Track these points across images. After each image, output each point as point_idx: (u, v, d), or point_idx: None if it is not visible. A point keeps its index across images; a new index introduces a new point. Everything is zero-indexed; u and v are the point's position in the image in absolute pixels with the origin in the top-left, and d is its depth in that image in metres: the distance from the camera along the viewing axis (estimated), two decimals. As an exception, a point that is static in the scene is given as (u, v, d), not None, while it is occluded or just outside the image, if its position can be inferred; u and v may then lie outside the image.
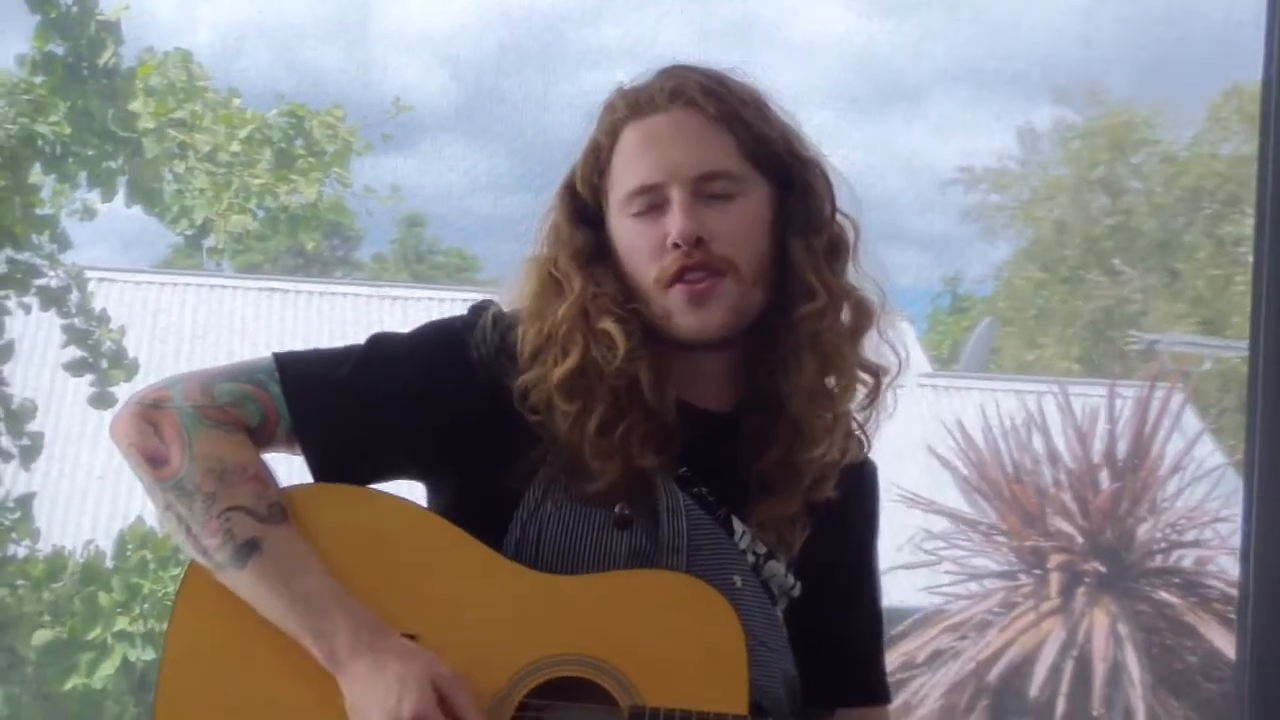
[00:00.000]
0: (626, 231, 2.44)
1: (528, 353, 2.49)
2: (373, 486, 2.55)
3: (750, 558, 2.45)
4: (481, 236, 4.63)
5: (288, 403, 2.42)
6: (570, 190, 2.50)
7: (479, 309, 2.53)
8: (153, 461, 2.38)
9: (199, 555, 2.42)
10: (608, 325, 2.44)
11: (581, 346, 2.42)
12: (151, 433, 2.37)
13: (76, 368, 4.81)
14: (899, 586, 3.39)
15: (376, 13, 4.50)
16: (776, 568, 2.46)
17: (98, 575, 4.59)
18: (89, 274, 4.90)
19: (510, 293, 2.57)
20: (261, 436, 2.43)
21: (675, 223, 2.39)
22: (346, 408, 2.45)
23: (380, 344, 2.49)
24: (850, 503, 2.57)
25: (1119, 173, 5.63)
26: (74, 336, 4.82)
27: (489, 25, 4.46)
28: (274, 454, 2.60)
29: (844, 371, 2.45)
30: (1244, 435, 4.01)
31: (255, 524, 2.36)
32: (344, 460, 2.50)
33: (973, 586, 5.67)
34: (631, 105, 2.43)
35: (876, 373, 2.50)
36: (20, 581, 4.57)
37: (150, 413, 2.39)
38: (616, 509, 2.44)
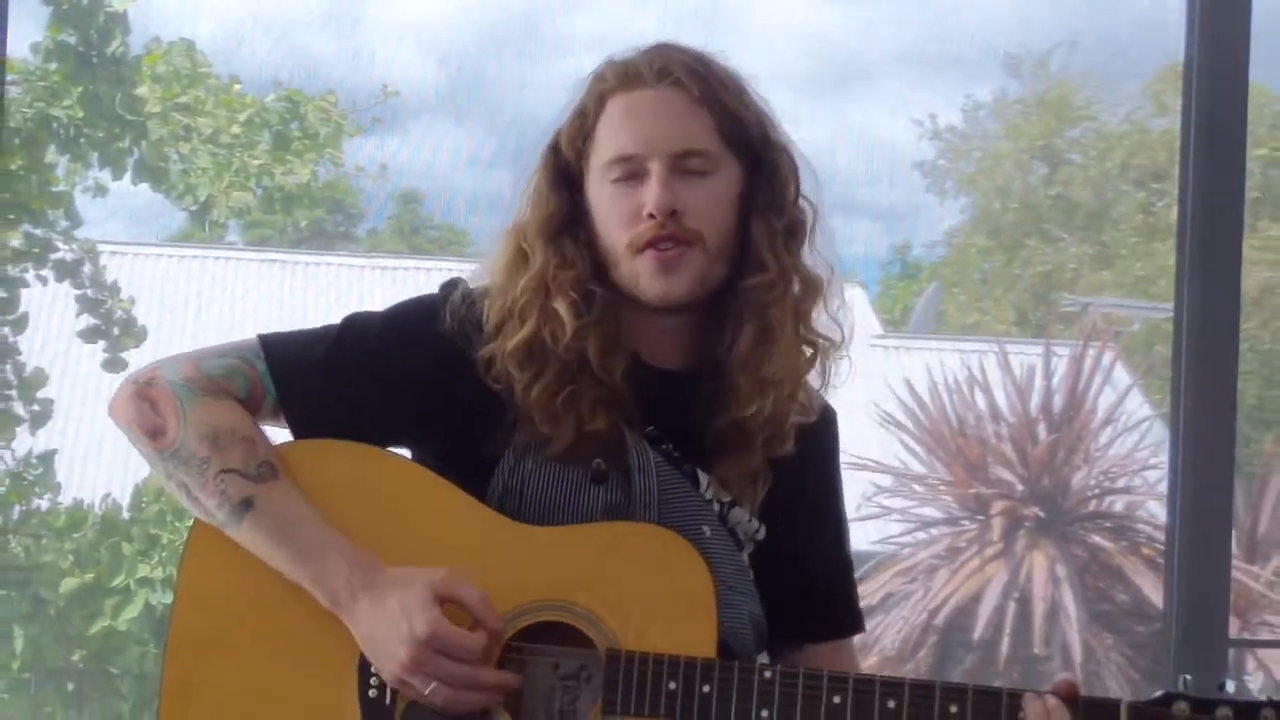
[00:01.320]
0: (605, 196, 2.53)
1: (492, 325, 2.59)
2: (351, 443, 2.65)
3: (716, 506, 2.56)
4: (466, 210, 4.71)
5: (273, 377, 2.53)
6: (554, 151, 2.58)
7: (449, 286, 2.64)
8: (151, 434, 2.48)
9: (202, 515, 2.53)
10: (559, 305, 2.54)
11: (535, 320, 2.52)
12: (148, 408, 2.47)
13: (90, 335, 4.87)
14: (854, 536, 3.44)
15: (366, 4, 4.58)
16: (741, 514, 2.57)
17: (116, 526, 4.64)
18: (101, 247, 4.94)
19: (487, 264, 2.67)
20: (248, 408, 2.54)
21: (652, 194, 2.49)
22: (325, 383, 2.56)
23: (354, 323, 2.59)
24: (809, 449, 2.68)
25: (1057, 147, 5.71)
26: (87, 306, 4.87)
27: (470, 15, 4.54)
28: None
29: (782, 341, 2.57)
30: (1170, 389, 4.13)
31: (247, 484, 2.46)
32: (326, 431, 2.60)
33: (921, 535, 5.71)
34: (620, 77, 2.52)
35: (815, 344, 2.62)
36: (44, 532, 4.65)
37: (145, 390, 2.49)
38: (593, 465, 2.55)
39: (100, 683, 4.58)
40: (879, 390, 5.29)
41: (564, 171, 2.60)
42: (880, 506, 5.49)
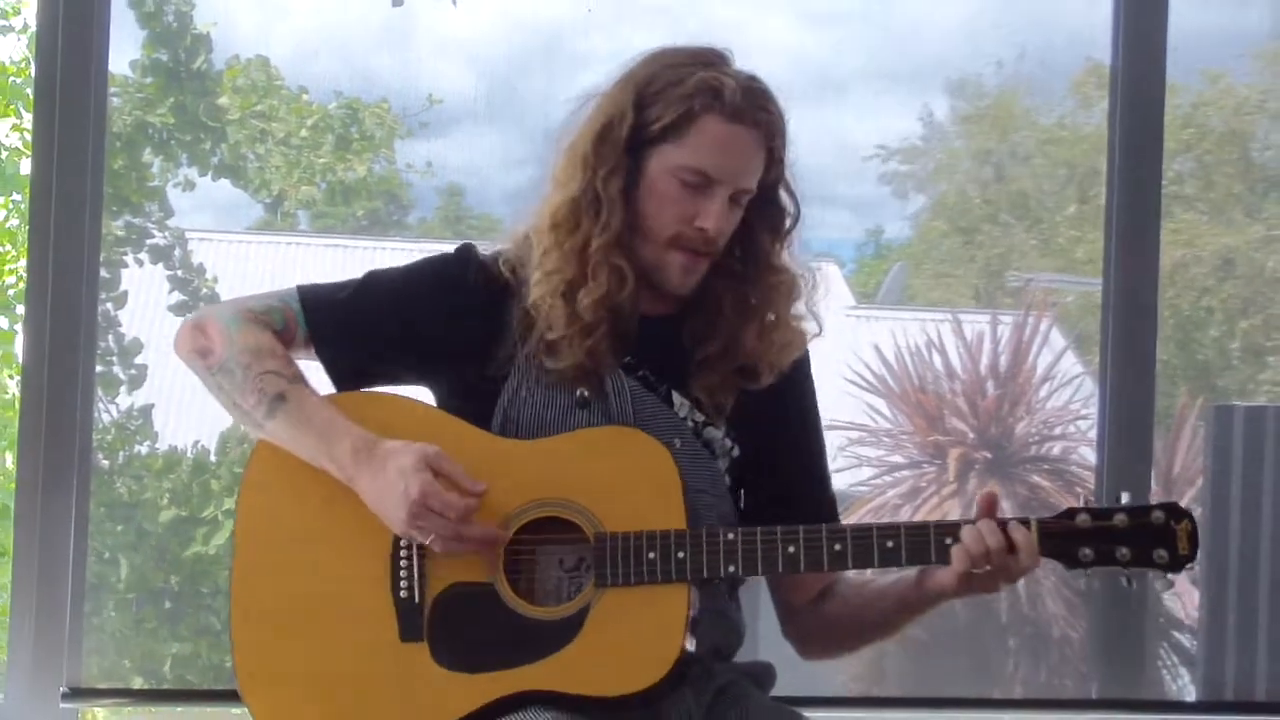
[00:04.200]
0: (669, 187, 2.62)
1: (544, 252, 2.64)
2: (381, 390, 2.74)
3: (690, 424, 2.64)
4: (501, 201, 4.74)
5: (305, 314, 2.63)
6: (642, 108, 2.63)
7: (464, 249, 2.73)
8: (203, 354, 2.58)
9: (244, 420, 2.63)
10: (623, 264, 2.63)
11: (607, 278, 2.60)
12: (200, 336, 2.58)
13: (179, 309, 4.90)
14: (833, 481, 3.52)
15: (416, 25, 4.62)
16: (714, 433, 2.66)
17: (205, 467, 4.71)
18: (189, 235, 4.97)
19: (552, 177, 2.68)
20: (283, 341, 2.64)
21: (712, 217, 2.59)
22: (349, 319, 2.66)
23: (374, 274, 2.70)
24: (781, 381, 2.76)
25: (1004, 147, 5.73)
26: (177, 284, 4.92)
27: (504, 34, 4.57)
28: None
29: (781, 325, 2.67)
30: (1098, 351, 4.18)
31: (282, 381, 2.56)
32: (350, 357, 2.70)
33: (888, 478, 5.71)
34: (732, 107, 2.60)
35: (804, 330, 2.71)
36: (144, 473, 4.70)
37: (199, 323, 2.60)
38: (577, 394, 2.64)
39: (193, 601, 4.62)
40: (852, 354, 5.31)
41: (635, 132, 2.67)
42: (855, 456, 5.50)
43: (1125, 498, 2.62)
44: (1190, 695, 4.90)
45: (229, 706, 4.16)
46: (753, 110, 2.70)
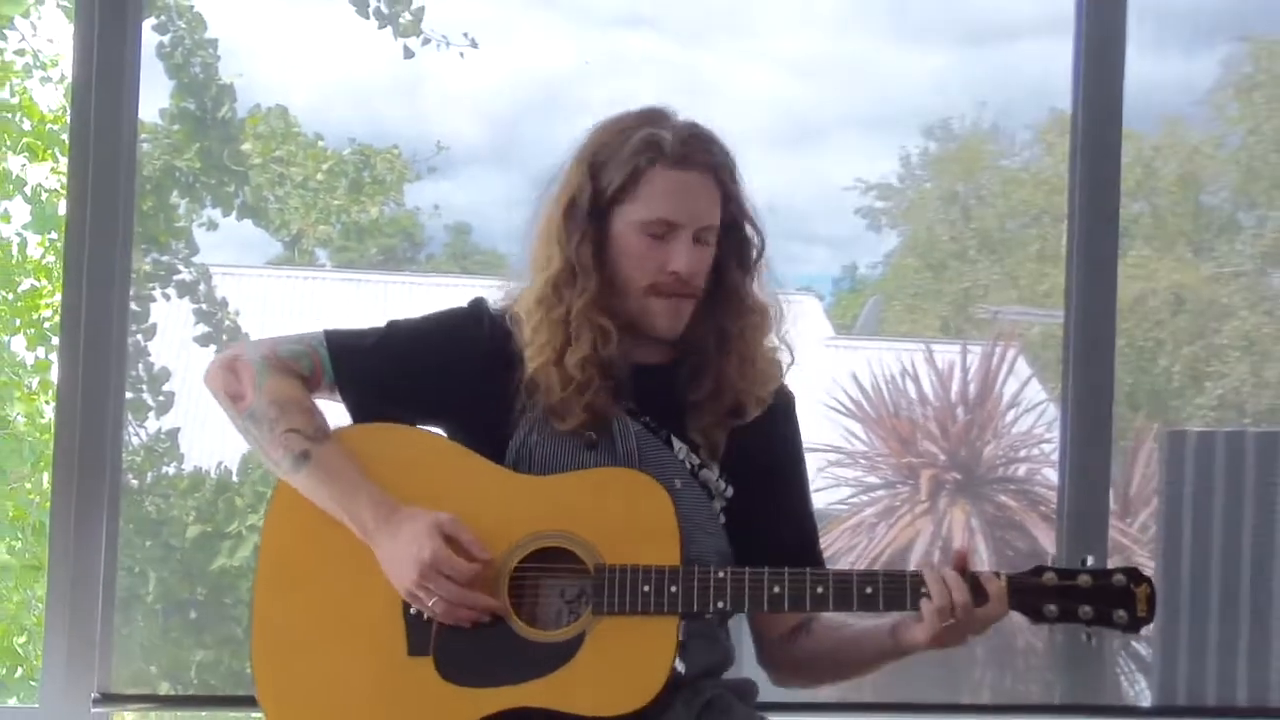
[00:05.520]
0: (636, 243, 2.61)
1: (533, 329, 2.63)
2: (398, 424, 2.72)
3: (688, 466, 2.62)
4: (504, 239, 4.76)
5: (331, 360, 2.61)
6: (595, 177, 2.62)
7: (477, 302, 2.71)
8: (233, 397, 2.56)
9: (270, 465, 2.61)
10: (605, 322, 2.61)
11: (591, 338, 2.59)
12: (233, 378, 2.55)
13: (204, 340, 4.93)
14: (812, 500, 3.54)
15: (425, 77, 4.62)
16: (710, 475, 2.64)
17: (228, 486, 4.74)
18: (213, 270, 4.96)
19: (527, 265, 2.69)
20: (310, 385, 2.61)
21: (681, 259, 2.57)
22: (373, 365, 2.64)
23: (396, 324, 2.68)
24: (772, 429, 2.75)
25: (970, 188, 5.74)
26: (202, 317, 4.91)
27: (507, 85, 4.58)
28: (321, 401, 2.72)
29: (758, 357, 2.64)
30: (1060, 379, 4.17)
31: (306, 441, 2.54)
32: (372, 403, 2.68)
33: (864, 498, 5.70)
34: (674, 156, 2.59)
35: (779, 363, 2.69)
36: (170, 493, 4.71)
37: (231, 363, 2.57)
38: (585, 436, 2.62)
39: (217, 611, 4.63)
40: (831, 382, 5.32)
41: (597, 200, 2.66)
42: (834, 477, 5.50)
43: (1089, 560, 2.63)
44: (1146, 700, 4.90)
45: (251, 711, 4.13)
46: (695, 153, 2.68)
